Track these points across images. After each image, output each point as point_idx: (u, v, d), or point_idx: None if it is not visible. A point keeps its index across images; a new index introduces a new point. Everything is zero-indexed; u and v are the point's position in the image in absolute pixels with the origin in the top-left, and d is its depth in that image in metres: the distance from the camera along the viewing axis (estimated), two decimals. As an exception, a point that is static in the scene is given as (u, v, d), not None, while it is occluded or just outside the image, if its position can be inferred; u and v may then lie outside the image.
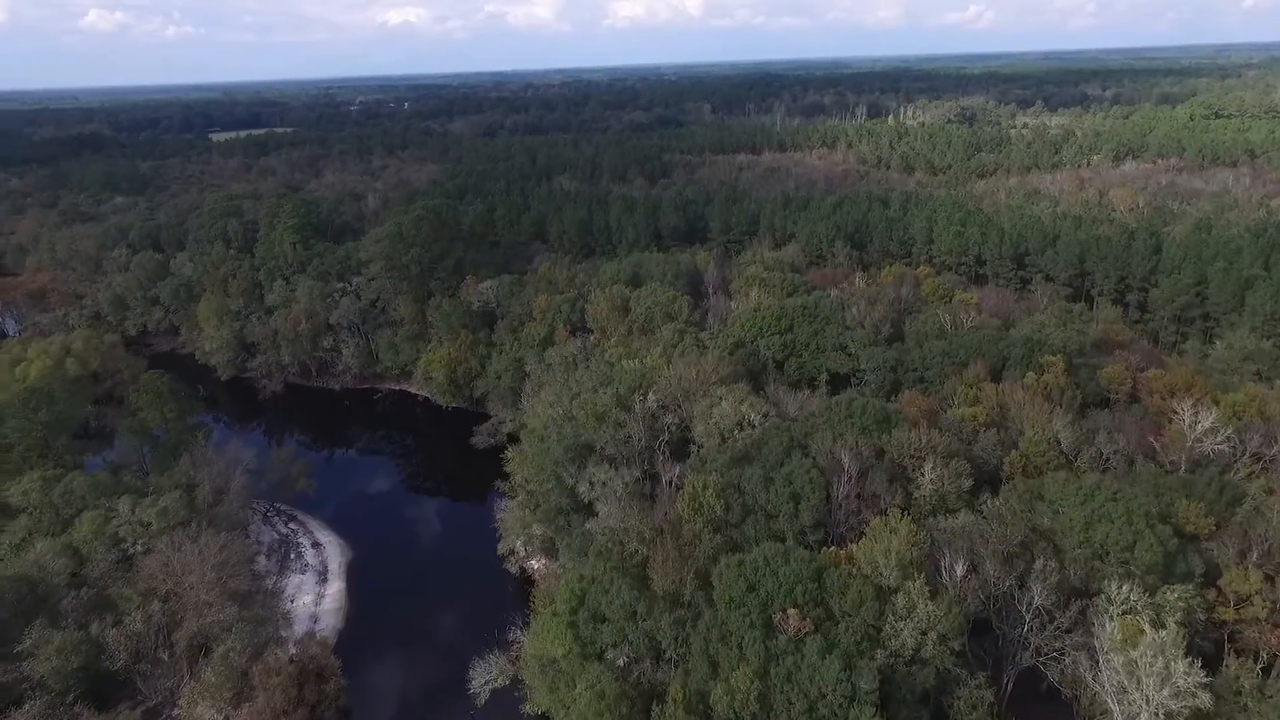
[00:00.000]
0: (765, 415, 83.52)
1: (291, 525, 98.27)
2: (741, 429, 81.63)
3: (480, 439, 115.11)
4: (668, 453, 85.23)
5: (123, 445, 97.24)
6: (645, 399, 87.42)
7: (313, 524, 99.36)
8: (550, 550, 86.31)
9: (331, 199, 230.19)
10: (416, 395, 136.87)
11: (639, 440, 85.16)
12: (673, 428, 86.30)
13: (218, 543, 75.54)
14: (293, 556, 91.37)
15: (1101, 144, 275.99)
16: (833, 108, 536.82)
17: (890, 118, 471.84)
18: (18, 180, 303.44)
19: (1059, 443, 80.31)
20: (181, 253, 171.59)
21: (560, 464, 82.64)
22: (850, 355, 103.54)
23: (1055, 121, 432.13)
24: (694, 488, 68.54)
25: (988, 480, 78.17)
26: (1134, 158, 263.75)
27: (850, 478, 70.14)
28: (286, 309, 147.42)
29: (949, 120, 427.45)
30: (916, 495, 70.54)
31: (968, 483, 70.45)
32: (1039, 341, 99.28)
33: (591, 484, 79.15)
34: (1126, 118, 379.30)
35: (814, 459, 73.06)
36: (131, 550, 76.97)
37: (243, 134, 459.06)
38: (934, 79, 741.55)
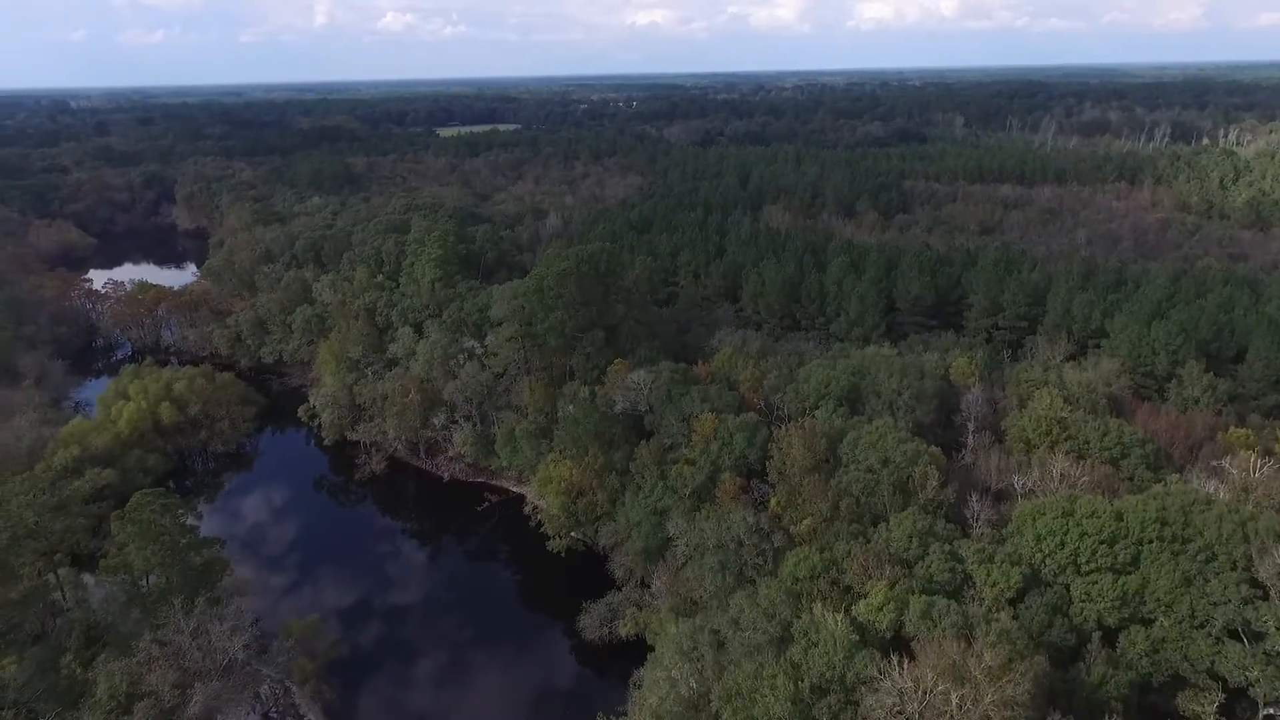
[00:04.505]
0: None
1: (290, 746, 66.93)
2: None
3: (589, 624, 77.64)
4: None
5: (102, 591, 71.31)
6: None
7: (323, 745, 67.49)
8: None
9: (509, 215, 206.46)
10: (535, 508, 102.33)
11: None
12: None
13: None
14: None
15: None
16: (1120, 126, 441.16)
17: (1205, 141, 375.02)
18: (250, 171, 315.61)
19: None
20: (326, 275, 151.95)
21: None
22: (1271, 658, 53.03)
23: None
24: None
25: None
26: None
27: None
28: (406, 366, 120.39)
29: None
30: None
31: None
32: None
33: None
34: None
35: None
36: None
37: (465, 130, 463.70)
38: (1252, 92, 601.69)
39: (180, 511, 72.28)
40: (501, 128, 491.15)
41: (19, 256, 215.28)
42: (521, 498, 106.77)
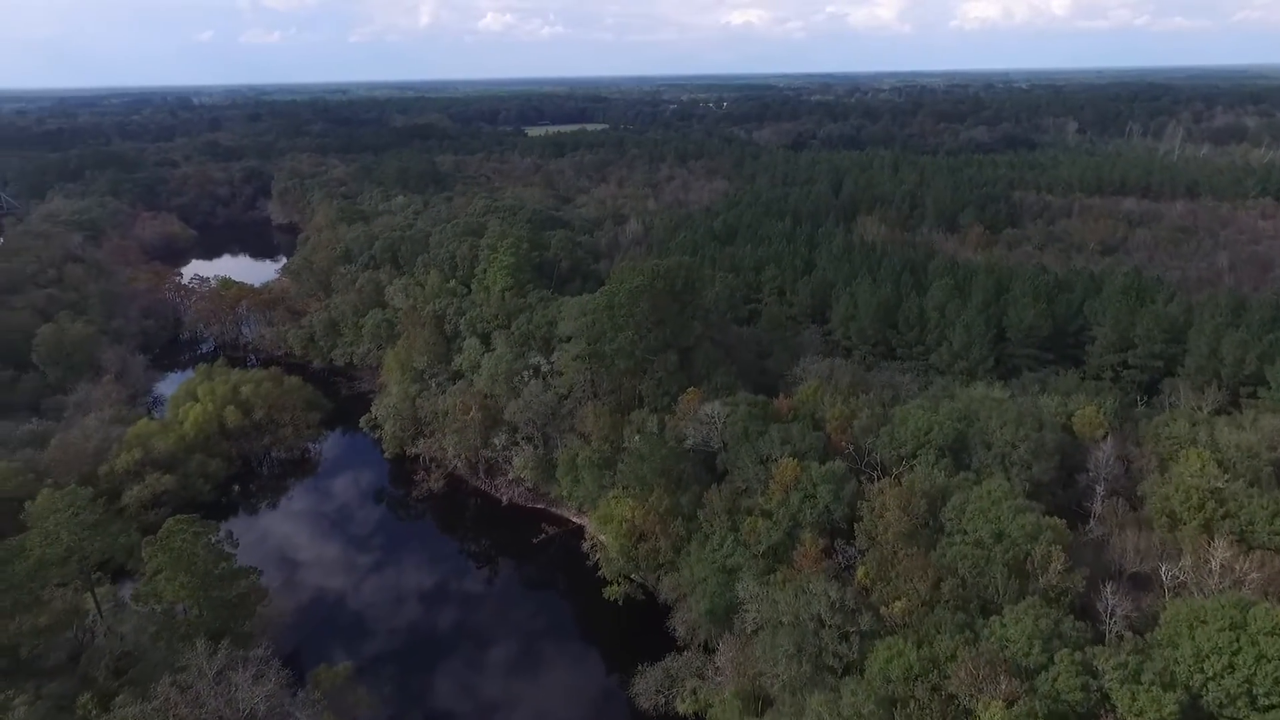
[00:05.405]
0: None
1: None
2: None
3: (644, 690, 69.39)
4: None
5: (133, 620, 67.55)
6: None
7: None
8: None
9: (588, 219, 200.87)
10: (594, 545, 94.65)
11: None
12: None
13: None
14: None
15: None
16: (1260, 133, 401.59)
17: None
18: (342, 168, 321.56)
19: None
20: (399, 279, 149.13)
21: None
22: None
23: None
24: None
25: None
26: None
27: None
28: (470, 380, 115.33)
29: None
30: None
31: None
32: None
33: None
34: None
35: None
36: None
37: (554, 130, 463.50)
38: None
39: (215, 539, 68.01)
40: (589, 128, 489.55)
41: (123, 248, 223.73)
42: (581, 529, 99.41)
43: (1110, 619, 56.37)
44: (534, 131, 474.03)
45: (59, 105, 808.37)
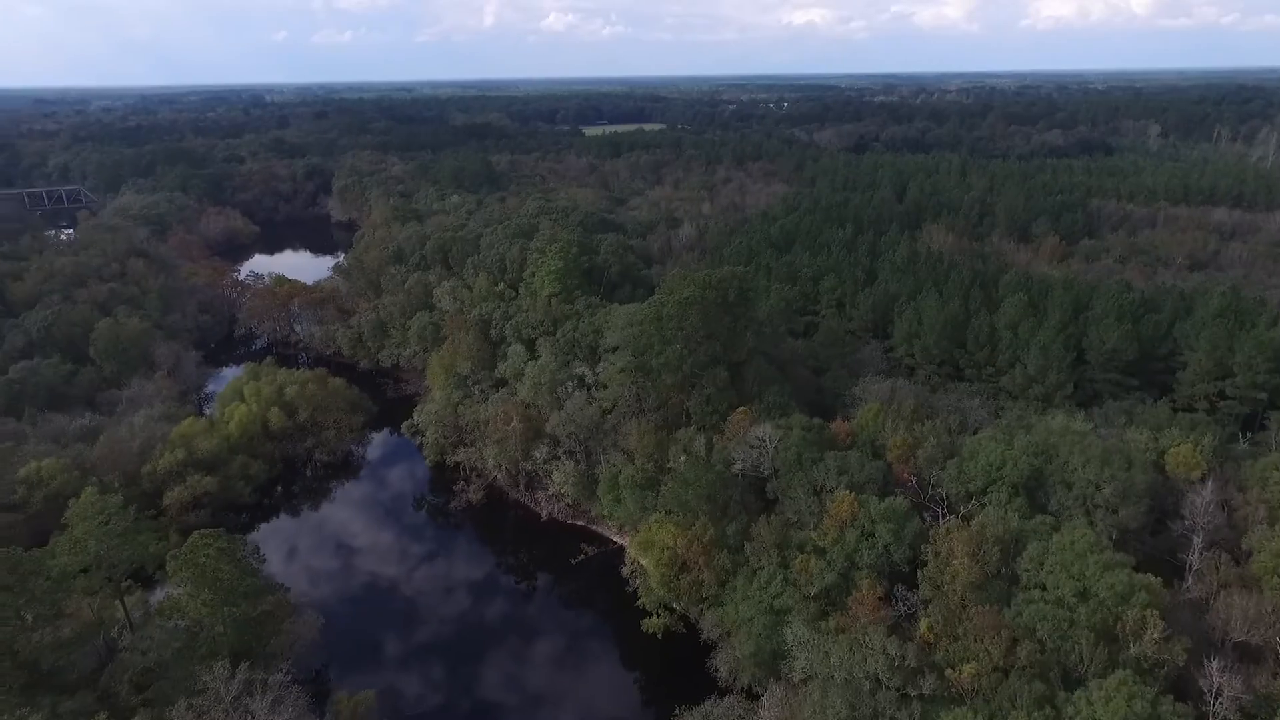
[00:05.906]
0: None
1: None
2: None
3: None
4: None
5: (157, 634, 65.62)
6: None
7: None
8: None
9: (641, 223, 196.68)
10: (634, 570, 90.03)
11: None
12: None
13: None
14: None
15: None
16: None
17: None
18: (400, 166, 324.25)
19: None
20: (447, 281, 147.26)
21: None
22: None
23: None
24: None
25: None
26: None
27: None
28: (514, 388, 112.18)
29: None
30: None
31: None
32: None
33: None
34: None
35: None
36: None
37: (611, 129, 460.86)
38: None
39: (241, 554, 65.75)
40: (647, 127, 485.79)
41: (186, 243, 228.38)
42: (622, 550, 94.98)
43: (1215, 700, 49.37)
44: (591, 131, 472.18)
45: (141, 102, 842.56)
